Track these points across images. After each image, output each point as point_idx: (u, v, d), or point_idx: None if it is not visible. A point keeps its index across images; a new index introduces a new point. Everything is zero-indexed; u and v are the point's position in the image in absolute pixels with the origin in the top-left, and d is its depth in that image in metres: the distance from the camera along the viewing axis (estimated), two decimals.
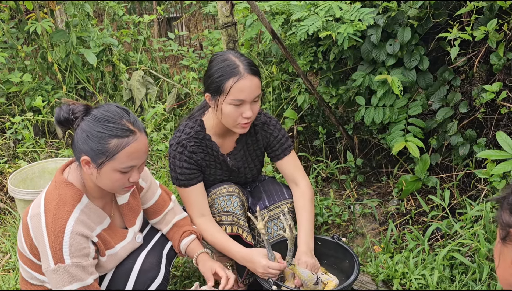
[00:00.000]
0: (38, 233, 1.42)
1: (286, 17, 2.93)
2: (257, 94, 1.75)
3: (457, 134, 2.50)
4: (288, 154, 1.99)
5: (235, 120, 1.76)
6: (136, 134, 1.42)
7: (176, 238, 1.78)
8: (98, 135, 1.38)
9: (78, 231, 1.41)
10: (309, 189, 1.96)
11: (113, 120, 1.40)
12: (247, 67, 1.73)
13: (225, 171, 1.98)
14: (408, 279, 1.94)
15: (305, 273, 1.71)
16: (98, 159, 1.39)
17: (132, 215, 1.68)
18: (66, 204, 1.43)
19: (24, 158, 3.14)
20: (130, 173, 1.45)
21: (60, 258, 1.39)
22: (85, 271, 1.44)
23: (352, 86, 2.87)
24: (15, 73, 3.44)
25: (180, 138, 1.86)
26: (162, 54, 4.47)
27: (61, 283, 1.41)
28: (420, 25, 2.52)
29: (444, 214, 2.34)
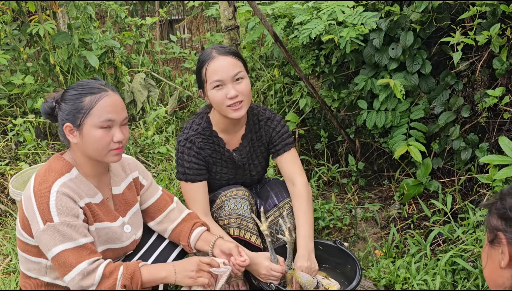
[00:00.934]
0: (27, 200, 1.45)
1: (288, 20, 2.93)
2: (234, 72, 1.76)
3: (459, 139, 2.49)
4: (288, 150, 1.99)
5: (222, 103, 1.78)
6: (108, 91, 1.51)
7: (186, 230, 1.74)
8: (73, 97, 1.48)
9: (64, 191, 1.44)
10: (305, 188, 1.93)
11: (85, 83, 1.52)
12: (219, 50, 1.79)
13: (230, 168, 1.98)
14: (410, 285, 1.93)
15: (305, 278, 1.70)
16: (76, 119, 1.46)
17: (124, 207, 1.68)
18: (55, 171, 1.49)
19: (26, 160, 3.13)
20: (112, 131, 1.48)
21: (48, 217, 1.40)
22: (77, 231, 1.43)
23: (354, 90, 2.86)
24: (17, 75, 3.44)
25: (188, 134, 1.88)
26: (164, 56, 4.48)
27: (53, 243, 1.41)
28: (422, 29, 2.51)
29: (446, 219, 2.34)
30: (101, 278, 1.42)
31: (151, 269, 1.49)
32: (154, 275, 1.48)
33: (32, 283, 1.57)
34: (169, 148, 3.22)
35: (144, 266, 1.48)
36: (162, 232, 1.80)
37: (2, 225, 2.75)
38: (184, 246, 1.75)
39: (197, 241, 1.72)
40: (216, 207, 1.93)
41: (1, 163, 3.03)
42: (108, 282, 1.43)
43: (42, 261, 1.53)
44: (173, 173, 3.01)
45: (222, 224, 1.89)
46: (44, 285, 1.56)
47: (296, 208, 1.91)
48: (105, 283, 1.43)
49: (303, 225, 1.85)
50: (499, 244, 1.00)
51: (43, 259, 1.52)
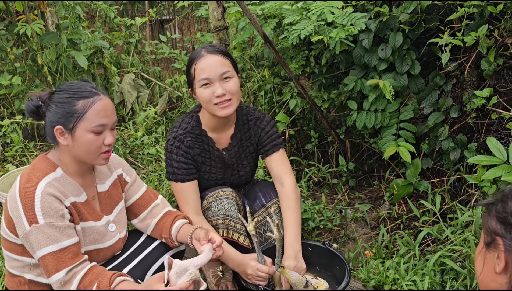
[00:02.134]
0: (12, 201, 1.45)
1: (278, 21, 2.92)
2: (221, 71, 1.77)
3: (448, 139, 2.51)
4: (277, 151, 1.98)
5: (210, 101, 1.78)
6: (100, 95, 1.51)
7: (168, 223, 1.73)
8: (65, 101, 1.47)
9: (49, 191, 1.44)
10: (294, 188, 1.93)
11: (76, 86, 1.51)
12: (207, 48, 1.80)
13: (219, 168, 1.97)
14: (399, 285, 1.93)
15: (295, 276, 1.70)
16: (69, 123, 1.46)
17: (110, 204, 1.68)
18: (39, 171, 1.49)
19: (13, 162, 3.09)
20: (103, 135, 1.49)
21: (33, 218, 1.40)
22: (62, 232, 1.43)
23: (344, 91, 2.87)
24: (4, 76, 3.40)
25: (177, 133, 1.88)
26: (154, 57, 4.45)
27: (37, 245, 1.41)
28: (411, 30, 2.52)
29: (435, 219, 2.34)
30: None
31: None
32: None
33: (16, 281, 1.57)
34: (159, 149, 3.20)
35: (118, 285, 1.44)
36: (145, 228, 1.78)
37: None
38: (166, 239, 1.73)
39: (178, 233, 1.70)
40: (203, 208, 1.92)
41: None
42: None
43: (25, 259, 1.53)
44: (162, 174, 2.99)
45: (211, 224, 1.88)
46: (27, 282, 1.56)
47: (284, 208, 1.90)
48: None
49: (291, 225, 1.84)
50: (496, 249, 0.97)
51: (27, 257, 1.53)
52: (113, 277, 1.43)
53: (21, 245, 1.51)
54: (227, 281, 2.00)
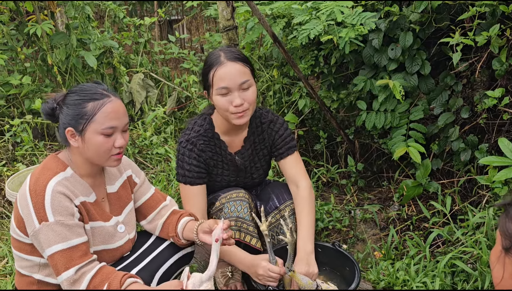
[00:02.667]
0: (22, 199, 1.45)
1: (287, 20, 2.91)
2: (242, 80, 1.73)
3: (459, 140, 2.48)
4: (291, 153, 1.98)
5: (227, 110, 1.76)
6: (110, 97, 1.50)
7: (174, 221, 1.72)
8: (75, 103, 1.47)
9: (59, 190, 1.44)
10: (309, 191, 1.93)
11: (87, 88, 1.51)
12: (228, 54, 1.74)
13: (232, 171, 1.97)
14: (409, 287, 1.92)
15: (305, 280, 1.69)
16: (79, 125, 1.47)
17: (119, 204, 1.68)
18: (50, 170, 1.49)
19: (23, 161, 3.12)
20: (113, 137, 1.49)
21: (43, 216, 1.41)
22: (71, 231, 1.43)
23: (353, 91, 2.85)
24: (14, 76, 3.43)
25: (190, 136, 1.86)
26: (163, 57, 4.46)
27: (46, 243, 1.41)
28: (422, 30, 2.50)
29: (446, 220, 2.32)
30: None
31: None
32: None
33: (25, 280, 1.58)
34: (168, 149, 3.21)
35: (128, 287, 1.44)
36: (154, 229, 1.78)
37: None
38: (173, 238, 1.73)
39: (184, 230, 1.70)
40: (215, 209, 1.92)
41: None
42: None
43: (34, 259, 1.54)
44: (171, 174, 3.00)
45: None
46: (36, 282, 1.56)
47: (298, 210, 1.89)
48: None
49: (304, 227, 1.84)
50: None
51: (36, 257, 1.53)
52: (124, 278, 1.43)
53: (30, 245, 1.51)
54: (236, 281, 2.00)
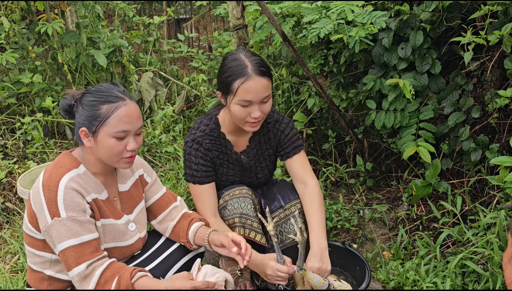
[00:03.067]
0: (35, 194, 1.47)
1: (296, 19, 2.91)
2: (265, 94, 1.74)
3: (469, 140, 2.46)
4: (298, 152, 1.98)
5: (243, 119, 1.77)
6: (125, 101, 1.50)
7: (184, 227, 1.73)
8: (90, 104, 1.49)
9: (72, 186, 1.46)
10: (317, 188, 1.93)
11: (104, 90, 1.51)
12: (255, 67, 1.72)
13: (237, 170, 1.97)
14: (419, 287, 1.91)
15: (316, 279, 1.69)
16: (92, 126, 1.48)
17: (131, 203, 1.69)
18: (63, 166, 1.51)
19: (34, 159, 3.15)
20: (125, 140, 1.49)
21: (55, 212, 1.42)
22: (83, 227, 1.45)
23: (362, 90, 2.84)
24: (25, 74, 3.46)
25: (196, 135, 1.87)
26: (171, 55, 4.48)
27: (58, 239, 1.43)
28: (432, 29, 2.49)
29: (456, 221, 2.31)
30: (95, 286, 1.44)
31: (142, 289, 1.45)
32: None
33: (36, 276, 1.59)
34: (177, 147, 3.22)
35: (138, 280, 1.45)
36: (164, 231, 1.79)
37: (10, 223, 2.77)
38: (184, 243, 1.73)
39: (195, 237, 1.71)
40: (219, 207, 1.93)
41: (9, 161, 3.05)
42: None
43: (46, 255, 1.55)
44: (180, 172, 3.01)
45: (227, 224, 1.89)
46: (47, 278, 1.58)
47: (308, 207, 1.89)
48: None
49: (316, 223, 1.83)
50: None
51: (48, 253, 1.55)
52: (134, 271, 1.45)
53: (42, 241, 1.53)
54: (246, 280, 2.00)
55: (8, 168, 2.96)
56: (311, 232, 1.82)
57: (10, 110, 3.48)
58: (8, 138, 3.28)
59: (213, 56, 4.50)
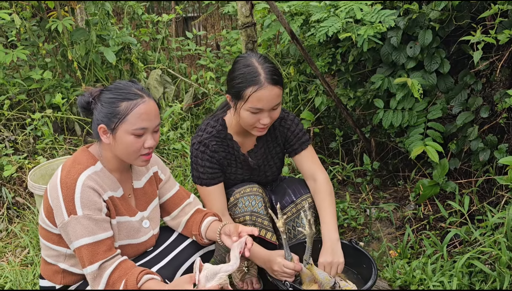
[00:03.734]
0: (53, 190, 1.49)
1: (305, 18, 2.91)
2: (276, 102, 1.75)
3: (478, 140, 2.45)
4: (305, 148, 1.98)
5: (252, 125, 1.78)
6: (144, 98, 1.51)
7: (198, 220, 1.74)
8: (109, 101, 1.49)
9: (89, 184, 1.48)
10: (328, 183, 1.94)
11: (122, 87, 1.52)
12: (268, 76, 1.71)
13: (245, 170, 1.98)
14: (426, 286, 1.91)
15: (322, 275, 1.70)
16: (111, 123, 1.49)
17: (145, 200, 1.71)
18: (81, 163, 1.53)
19: (43, 154, 3.18)
20: (143, 137, 1.50)
21: (72, 209, 1.45)
22: (98, 225, 1.47)
23: (370, 89, 2.84)
24: (36, 71, 3.49)
25: (202, 137, 1.87)
26: (180, 53, 4.50)
27: (74, 236, 1.45)
28: (441, 28, 2.48)
29: (463, 221, 2.30)
30: (105, 286, 1.46)
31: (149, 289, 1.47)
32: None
33: (50, 269, 1.62)
34: (184, 145, 3.24)
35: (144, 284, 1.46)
36: (176, 226, 1.81)
37: (20, 217, 2.80)
38: (195, 236, 1.74)
39: (207, 230, 1.71)
40: (230, 205, 1.93)
41: (20, 156, 3.09)
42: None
43: (61, 249, 1.58)
44: (187, 169, 3.03)
45: (238, 221, 1.89)
46: (61, 271, 1.60)
47: (319, 201, 1.90)
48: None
49: (327, 216, 1.84)
50: None
51: (63, 247, 1.57)
52: (140, 274, 1.46)
53: (57, 235, 1.55)
54: (252, 276, 2.01)
55: (19, 163, 3.00)
56: (322, 226, 1.84)
57: (21, 106, 3.52)
58: (18, 134, 3.32)
59: (221, 54, 4.51)
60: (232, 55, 4.17)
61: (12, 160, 3.01)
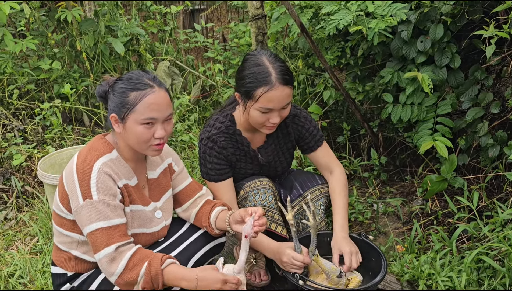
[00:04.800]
0: (69, 176, 1.50)
1: (314, 11, 2.90)
2: (286, 102, 1.74)
3: (487, 135, 2.44)
4: (321, 144, 2.00)
5: (261, 123, 1.77)
6: (154, 88, 1.50)
7: (207, 211, 1.75)
8: (120, 91, 1.51)
9: (105, 170, 1.49)
10: (344, 175, 1.98)
11: (133, 77, 1.53)
12: (279, 76, 1.69)
13: (255, 165, 1.98)
14: (434, 281, 1.91)
15: (328, 265, 1.71)
16: (121, 113, 1.50)
17: (159, 191, 1.72)
18: (97, 150, 1.54)
19: (52, 144, 3.20)
20: (153, 127, 1.50)
21: (88, 194, 1.46)
22: (113, 211, 1.47)
23: (379, 83, 2.83)
24: (44, 60, 3.50)
25: (211, 133, 1.86)
26: (187, 45, 4.49)
27: (88, 220, 1.46)
28: (453, 22, 2.46)
29: (471, 216, 2.30)
30: (123, 269, 1.45)
31: (172, 275, 1.47)
32: (175, 282, 1.47)
33: (62, 256, 1.63)
34: (192, 136, 3.25)
35: (167, 267, 1.47)
36: (188, 218, 1.81)
37: (29, 206, 2.82)
38: (206, 227, 1.75)
39: (216, 220, 1.72)
40: (240, 198, 1.94)
41: (29, 146, 3.10)
42: (130, 275, 1.45)
43: (74, 236, 1.58)
44: (195, 161, 3.04)
45: None
46: (73, 258, 1.61)
47: (337, 192, 1.93)
48: (127, 275, 1.45)
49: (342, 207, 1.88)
50: None
51: (76, 233, 1.58)
52: (164, 258, 1.47)
53: (71, 221, 1.56)
54: (260, 268, 2.02)
55: (28, 153, 3.02)
56: (337, 217, 1.86)
57: (29, 96, 3.53)
58: (27, 124, 3.34)
59: (229, 47, 4.50)
60: (240, 48, 4.16)
61: (21, 149, 3.03)
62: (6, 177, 2.92)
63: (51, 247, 2.37)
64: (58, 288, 1.63)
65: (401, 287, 1.97)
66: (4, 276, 2.18)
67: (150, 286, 1.45)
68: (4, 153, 3.01)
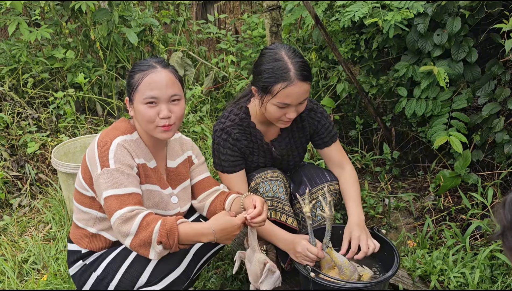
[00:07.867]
0: (91, 151, 1.56)
1: (329, 2, 2.87)
2: (304, 98, 1.73)
3: (503, 131, 2.41)
4: (335, 141, 2.01)
5: (278, 118, 1.76)
6: (156, 68, 1.55)
7: (222, 199, 1.77)
8: (129, 74, 1.60)
9: (124, 145, 1.54)
10: (355, 171, 2.00)
11: (141, 61, 1.60)
12: (298, 72, 1.67)
13: (268, 158, 1.98)
14: (446, 276, 1.90)
15: (341, 258, 1.70)
16: (129, 94, 1.57)
17: (176, 180, 1.74)
18: (119, 129, 1.60)
19: (66, 133, 3.23)
20: (157, 107, 1.53)
21: (105, 163, 1.50)
22: (129, 180, 1.50)
23: (393, 77, 2.80)
24: (58, 50, 3.52)
25: (225, 125, 1.86)
26: (200, 36, 4.48)
27: (104, 187, 1.48)
28: (471, 16, 2.41)
29: (485, 213, 2.28)
30: (138, 228, 1.44)
31: (188, 229, 1.48)
32: (191, 238, 1.48)
33: (79, 233, 1.66)
34: (204, 127, 3.25)
35: (182, 223, 1.49)
36: (201, 208, 1.82)
37: (43, 194, 2.86)
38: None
39: (232, 206, 1.73)
40: (251, 190, 1.93)
41: (43, 134, 3.14)
42: (144, 233, 1.44)
43: (92, 212, 1.61)
44: (207, 152, 3.05)
45: None
46: (89, 235, 1.64)
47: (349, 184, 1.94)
48: (142, 233, 1.44)
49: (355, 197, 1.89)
50: None
51: (94, 210, 1.61)
52: (178, 217, 1.50)
53: (90, 198, 1.59)
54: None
55: (42, 141, 3.05)
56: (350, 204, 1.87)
57: (43, 84, 3.56)
58: (41, 112, 3.37)
59: (241, 39, 4.48)
60: (252, 39, 4.14)
61: (35, 137, 3.06)
62: (21, 165, 2.96)
63: (64, 234, 2.40)
64: (72, 265, 1.67)
65: (412, 282, 1.96)
66: (18, 262, 2.22)
67: (166, 241, 1.43)
68: (19, 141, 3.05)
